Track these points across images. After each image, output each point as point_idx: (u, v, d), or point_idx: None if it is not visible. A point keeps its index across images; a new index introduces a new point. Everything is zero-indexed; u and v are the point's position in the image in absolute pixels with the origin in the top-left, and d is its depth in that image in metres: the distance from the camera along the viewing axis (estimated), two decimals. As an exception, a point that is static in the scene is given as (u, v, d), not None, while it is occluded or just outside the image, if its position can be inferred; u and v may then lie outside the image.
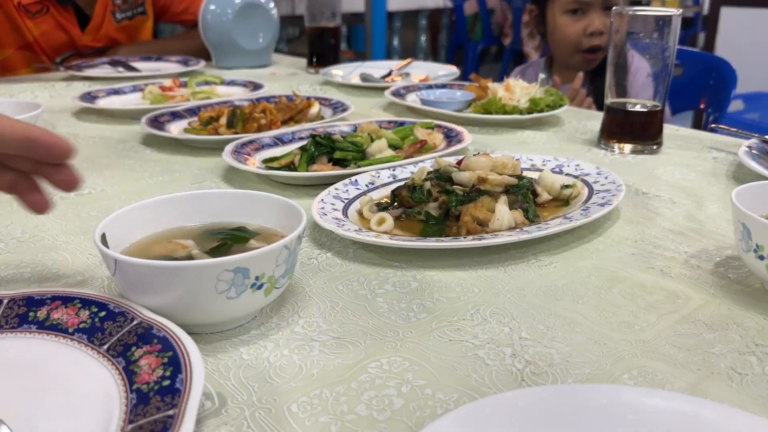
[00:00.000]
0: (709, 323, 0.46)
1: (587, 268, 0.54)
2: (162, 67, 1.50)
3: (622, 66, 0.86)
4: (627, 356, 0.42)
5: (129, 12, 1.65)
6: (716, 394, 0.38)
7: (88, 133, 1.00)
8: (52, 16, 1.54)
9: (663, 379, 0.40)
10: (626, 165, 0.83)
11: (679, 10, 0.84)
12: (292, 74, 1.50)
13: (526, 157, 0.76)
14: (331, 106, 1.07)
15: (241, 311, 0.44)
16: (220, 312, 0.42)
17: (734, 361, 0.41)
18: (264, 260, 0.42)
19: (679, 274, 0.53)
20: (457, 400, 0.38)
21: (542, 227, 0.57)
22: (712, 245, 0.58)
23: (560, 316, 0.47)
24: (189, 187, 0.76)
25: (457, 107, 1.08)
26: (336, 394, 0.38)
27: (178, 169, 0.82)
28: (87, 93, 1.16)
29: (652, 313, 0.47)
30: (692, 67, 1.54)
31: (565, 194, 0.67)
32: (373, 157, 0.79)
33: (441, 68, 1.46)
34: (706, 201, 0.70)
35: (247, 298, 0.42)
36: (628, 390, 0.34)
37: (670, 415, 0.32)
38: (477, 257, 0.56)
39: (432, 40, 4.54)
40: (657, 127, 0.88)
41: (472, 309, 0.48)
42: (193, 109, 1.03)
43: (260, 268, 0.42)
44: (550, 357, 0.42)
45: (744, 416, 0.32)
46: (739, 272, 0.53)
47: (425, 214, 0.62)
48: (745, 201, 0.50)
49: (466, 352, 0.42)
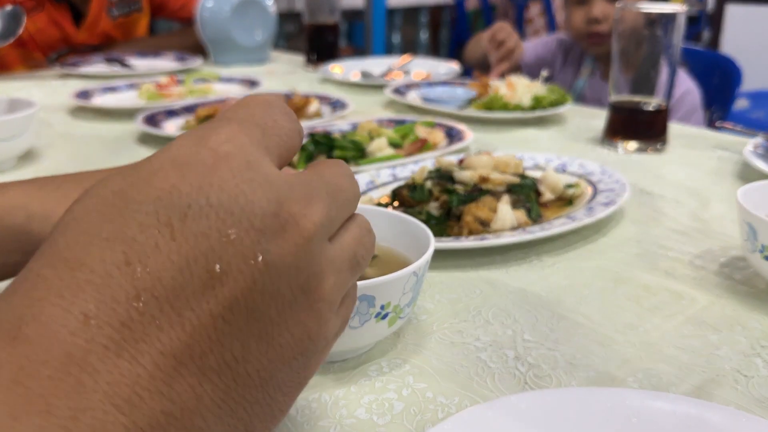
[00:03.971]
0: (714, 325, 0.45)
1: (591, 268, 0.54)
2: (158, 64, 1.49)
3: (626, 63, 0.85)
4: (631, 358, 0.41)
5: (125, 8, 1.64)
6: (722, 397, 0.38)
7: (84, 132, 0.99)
8: (47, 13, 1.53)
9: (668, 381, 0.39)
10: (630, 164, 0.82)
11: (683, 6, 0.83)
12: (290, 71, 1.49)
13: (528, 156, 0.75)
14: (330, 103, 1.06)
15: (362, 342, 0.40)
16: (340, 342, 0.38)
17: (740, 363, 0.41)
18: (391, 288, 0.38)
19: (684, 275, 0.52)
20: (459, 404, 0.37)
21: (545, 227, 0.56)
22: (717, 245, 0.58)
23: (564, 317, 0.46)
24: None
25: (459, 105, 1.07)
26: (335, 398, 0.38)
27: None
28: (82, 91, 1.15)
29: (656, 314, 0.46)
30: (697, 65, 1.53)
31: (569, 194, 0.66)
32: (373, 155, 0.79)
33: (442, 65, 1.46)
34: (711, 200, 0.69)
35: (370, 328, 0.38)
36: (632, 393, 0.33)
37: (675, 418, 0.31)
38: (479, 258, 0.55)
39: (433, 36, 4.53)
40: (662, 125, 0.87)
41: (473, 310, 0.47)
42: (190, 107, 1.02)
43: (386, 297, 0.38)
44: (553, 359, 0.41)
45: (750, 419, 0.31)
46: (744, 273, 0.52)
47: (426, 213, 0.61)
48: (751, 201, 0.49)
49: (467, 355, 0.42)
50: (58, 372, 0.18)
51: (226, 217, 0.21)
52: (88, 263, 0.20)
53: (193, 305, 0.20)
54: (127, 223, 0.20)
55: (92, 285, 0.19)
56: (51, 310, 0.19)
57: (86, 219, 0.21)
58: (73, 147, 0.91)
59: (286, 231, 0.22)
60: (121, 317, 0.19)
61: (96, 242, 0.20)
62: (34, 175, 0.80)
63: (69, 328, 0.18)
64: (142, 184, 0.21)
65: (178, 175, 0.21)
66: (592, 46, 1.43)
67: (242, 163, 0.22)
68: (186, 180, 0.21)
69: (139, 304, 0.19)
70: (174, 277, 0.20)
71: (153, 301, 0.19)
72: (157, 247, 0.20)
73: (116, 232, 0.20)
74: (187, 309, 0.20)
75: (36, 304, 0.19)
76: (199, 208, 0.21)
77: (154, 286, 0.20)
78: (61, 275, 0.19)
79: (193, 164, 0.22)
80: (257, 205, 0.21)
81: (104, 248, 0.20)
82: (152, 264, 0.20)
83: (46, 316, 0.19)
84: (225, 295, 0.20)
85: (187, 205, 0.21)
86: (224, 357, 0.21)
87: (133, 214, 0.21)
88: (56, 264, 0.20)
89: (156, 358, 0.19)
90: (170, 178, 0.21)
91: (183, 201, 0.21)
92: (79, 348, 0.18)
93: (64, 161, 0.85)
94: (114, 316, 0.19)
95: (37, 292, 0.19)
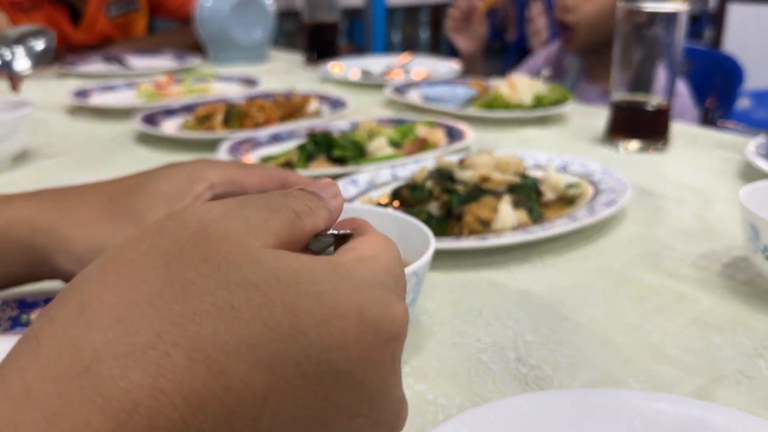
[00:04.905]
0: (717, 326, 0.45)
1: (593, 269, 0.53)
2: (157, 63, 1.49)
3: (628, 62, 0.85)
4: (633, 359, 0.41)
5: (123, 8, 1.64)
6: (724, 398, 0.37)
7: (82, 131, 0.99)
8: (45, 13, 1.53)
9: (670, 383, 0.39)
10: (632, 163, 0.81)
11: (684, 3, 0.83)
12: (289, 70, 1.49)
13: (529, 156, 0.75)
14: (329, 103, 1.06)
15: None
16: None
17: (742, 364, 0.40)
18: None
19: (687, 276, 0.52)
20: (460, 406, 0.37)
21: (546, 227, 0.56)
22: (719, 246, 0.57)
23: (565, 318, 0.46)
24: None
25: (459, 104, 1.07)
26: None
27: (176, 167, 0.81)
28: (80, 90, 1.15)
29: (658, 315, 0.46)
30: (699, 64, 1.52)
31: (570, 193, 0.66)
32: (373, 155, 0.78)
33: (442, 64, 1.45)
34: (713, 200, 0.69)
35: None
36: (635, 394, 0.33)
37: (678, 419, 0.31)
38: (479, 258, 0.55)
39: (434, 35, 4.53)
40: (663, 124, 0.87)
41: (474, 311, 0.47)
42: (188, 107, 1.02)
43: None
44: (555, 361, 0.41)
45: (752, 420, 0.31)
46: (747, 273, 0.52)
47: (426, 213, 0.61)
48: (754, 201, 0.49)
49: (468, 356, 0.41)
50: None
51: (363, 399, 0.20)
52: (228, 373, 0.17)
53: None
54: (287, 355, 0.18)
55: (222, 399, 0.17)
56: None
57: (247, 318, 0.18)
58: (71, 147, 0.91)
59: (396, 427, 0.22)
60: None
61: (245, 356, 0.18)
62: (31, 174, 0.80)
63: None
64: (320, 319, 0.19)
65: (357, 335, 0.19)
66: (564, 42, 1.42)
67: (399, 352, 0.21)
68: (360, 344, 0.19)
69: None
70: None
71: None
72: (295, 395, 0.18)
73: (269, 356, 0.18)
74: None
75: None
76: (353, 379, 0.19)
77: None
78: (195, 372, 0.17)
79: (374, 330, 0.20)
80: (390, 398, 0.21)
81: (251, 367, 0.18)
82: (285, 408, 0.18)
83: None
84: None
85: (346, 371, 0.19)
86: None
87: (297, 348, 0.18)
88: (197, 356, 0.17)
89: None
90: (349, 333, 0.19)
91: (346, 365, 0.19)
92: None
93: (62, 161, 0.85)
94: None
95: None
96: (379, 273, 0.21)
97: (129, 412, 0.16)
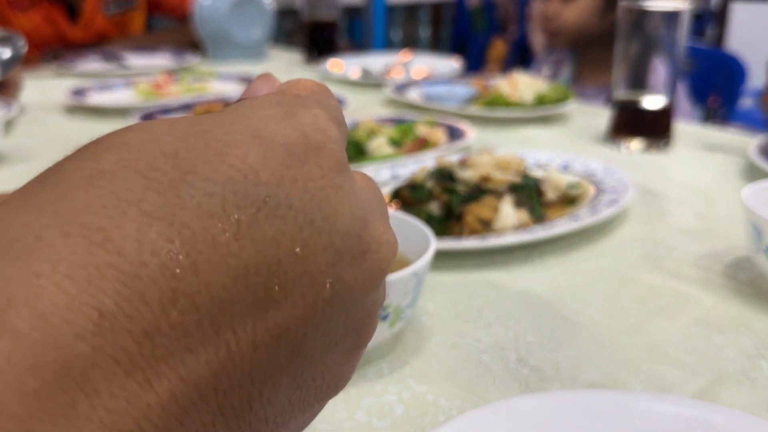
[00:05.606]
0: (719, 326, 0.45)
1: (594, 269, 0.53)
2: (155, 62, 1.49)
3: (630, 61, 0.85)
4: (635, 361, 0.41)
5: (120, 6, 1.64)
6: (727, 399, 0.37)
7: (79, 131, 0.99)
8: (43, 11, 1.52)
9: (672, 384, 0.39)
10: (634, 163, 0.81)
11: (687, 2, 0.82)
12: (288, 69, 1.49)
13: (530, 155, 0.74)
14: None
15: None
16: None
17: (744, 364, 0.40)
18: (392, 289, 0.37)
19: (689, 276, 0.52)
20: (460, 407, 0.37)
21: (548, 227, 0.56)
22: (721, 246, 0.57)
23: (567, 319, 0.46)
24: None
25: (460, 103, 1.07)
26: (334, 401, 0.37)
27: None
28: (78, 89, 1.14)
29: (660, 316, 0.46)
30: (702, 63, 1.52)
31: (572, 193, 0.65)
32: (373, 155, 0.78)
33: (443, 62, 1.45)
34: (715, 200, 0.68)
35: None
36: (636, 395, 0.33)
37: (680, 420, 0.31)
38: (480, 258, 0.55)
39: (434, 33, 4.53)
40: (665, 124, 0.87)
41: (475, 312, 0.47)
42: (186, 106, 1.02)
43: (387, 298, 0.37)
44: (556, 362, 0.41)
45: (755, 421, 0.31)
46: (749, 274, 0.52)
47: (426, 213, 0.61)
48: (756, 200, 0.49)
49: (469, 357, 0.41)
50: (46, 386, 0.13)
51: (305, 225, 0.16)
52: (117, 240, 0.14)
53: (236, 326, 0.15)
54: (182, 201, 0.15)
55: (117, 271, 0.14)
56: (53, 296, 0.13)
57: (122, 177, 0.16)
58: (68, 146, 0.89)
59: (365, 259, 0.18)
60: (145, 324, 0.14)
61: (132, 213, 0.15)
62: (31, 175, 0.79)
63: (74, 327, 0.13)
64: (211, 154, 0.16)
65: (260, 156, 0.16)
66: (550, 43, 1.43)
67: (333, 163, 0.18)
68: (268, 165, 0.16)
69: (173, 311, 0.14)
70: (225, 286, 0.15)
71: (191, 311, 0.15)
72: (214, 243, 0.15)
73: (162, 208, 0.15)
74: (227, 330, 0.15)
75: (33, 283, 0.14)
76: (276, 205, 0.16)
77: (198, 292, 0.15)
78: (74, 247, 0.14)
79: (280, 147, 0.17)
80: (341, 220, 0.17)
81: (142, 225, 0.15)
82: (203, 263, 0.15)
83: (46, 303, 0.13)
84: (276, 322, 0.16)
85: (263, 198, 0.16)
86: (250, 396, 0.16)
87: (190, 190, 0.15)
88: (70, 229, 0.14)
89: (175, 387, 0.15)
90: (250, 157, 0.16)
91: (260, 191, 0.16)
92: (81, 357, 0.13)
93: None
94: (137, 320, 0.14)
95: (37, 265, 0.14)
96: (271, 95, 0.19)
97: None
